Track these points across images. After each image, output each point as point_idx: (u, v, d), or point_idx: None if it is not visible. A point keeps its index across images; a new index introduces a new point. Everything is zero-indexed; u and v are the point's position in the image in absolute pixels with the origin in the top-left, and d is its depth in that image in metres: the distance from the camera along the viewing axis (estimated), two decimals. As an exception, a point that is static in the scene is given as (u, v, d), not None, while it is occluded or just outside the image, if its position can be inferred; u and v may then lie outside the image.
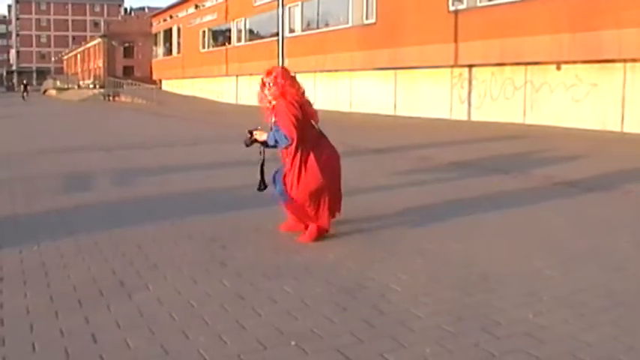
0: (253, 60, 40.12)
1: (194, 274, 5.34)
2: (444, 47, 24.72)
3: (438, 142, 16.71)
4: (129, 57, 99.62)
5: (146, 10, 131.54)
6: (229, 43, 45.66)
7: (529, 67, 22.23)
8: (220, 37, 48.26)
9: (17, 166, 12.94)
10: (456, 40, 24.27)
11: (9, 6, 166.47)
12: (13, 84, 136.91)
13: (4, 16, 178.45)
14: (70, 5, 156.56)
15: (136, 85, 62.57)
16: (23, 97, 66.28)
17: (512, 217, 7.58)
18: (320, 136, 6.49)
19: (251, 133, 6.46)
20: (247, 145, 6.55)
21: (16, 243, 6.36)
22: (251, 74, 40.93)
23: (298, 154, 6.25)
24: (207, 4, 49.85)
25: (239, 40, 44.32)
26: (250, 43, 42.36)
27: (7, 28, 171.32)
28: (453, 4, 24.68)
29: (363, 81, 31.22)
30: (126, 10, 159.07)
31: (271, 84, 6.37)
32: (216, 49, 48.02)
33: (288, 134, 6.11)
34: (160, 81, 63.88)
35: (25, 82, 76.57)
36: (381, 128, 22.54)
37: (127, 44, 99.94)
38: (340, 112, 30.74)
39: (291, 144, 6.16)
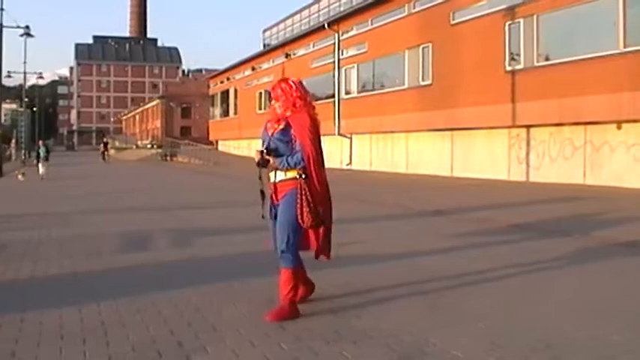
0: (309, 121, 40.43)
1: (252, 337, 5.25)
2: (501, 108, 24.61)
3: (496, 203, 16.48)
4: (186, 118, 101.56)
5: (203, 72, 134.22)
6: (285, 104, 46.11)
7: (588, 126, 21.95)
8: (277, 98, 48.78)
9: (77, 225, 13.15)
10: (513, 101, 24.15)
11: (71, 68, 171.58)
12: (73, 143, 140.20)
13: (66, 78, 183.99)
14: (129, 67, 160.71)
15: (193, 145, 63.50)
16: (104, 157, 62.12)
17: (575, 280, 7.36)
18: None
19: (262, 152, 5.86)
20: (261, 166, 5.89)
21: (76, 301, 6.40)
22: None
23: (313, 176, 5.74)
24: (264, 66, 50.64)
25: (295, 101, 44.73)
26: (307, 104, 42.70)
27: (68, 89, 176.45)
28: (509, 65, 24.63)
29: (420, 142, 31.19)
30: (184, 72, 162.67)
31: (289, 94, 5.85)
32: (272, 110, 48.53)
33: (307, 152, 5.67)
34: (217, 141, 64.73)
35: (105, 140, 72.30)
36: (439, 189, 22.38)
37: (184, 105, 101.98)
38: (396, 173, 30.72)
39: (308, 164, 5.68)
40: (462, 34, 27.17)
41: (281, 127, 5.81)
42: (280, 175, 5.80)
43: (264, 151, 5.81)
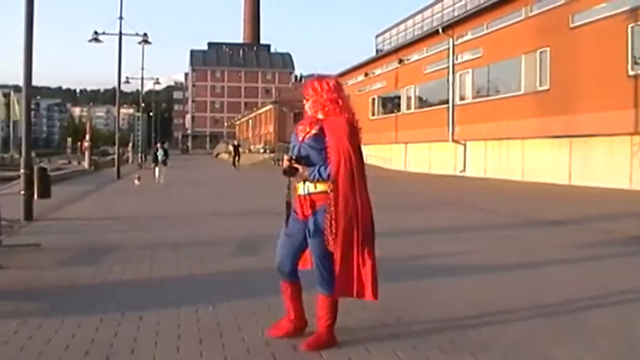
0: (423, 127, 40.21)
1: (367, 343, 5.21)
2: (623, 114, 23.73)
3: (618, 213, 15.89)
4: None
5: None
6: (399, 110, 45.97)
7: None
8: (389, 104, 48.71)
9: (194, 227, 13.42)
10: (636, 106, 23.24)
11: (186, 73, 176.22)
12: (187, 147, 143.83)
13: (181, 83, 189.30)
14: (243, 73, 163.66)
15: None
16: (234, 163, 55.48)
17: None
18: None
19: (290, 160, 5.14)
20: (289, 175, 5.17)
21: (193, 302, 6.53)
22: (421, 141, 41.05)
23: (343, 192, 4.92)
24: (377, 72, 50.61)
25: (408, 107, 44.52)
26: (420, 110, 42.45)
27: (183, 95, 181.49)
28: (632, 69, 23.72)
29: (536, 149, 30.39)
30: (296, 77, 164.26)
31: (320, 94, 5.17)
32: (385, 116, 48.46)
33: (337, 162, 4.91)
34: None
35: (236, 142, 64.09)
36: (556, 198, 21.75)
37: (297, 111, 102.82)
38: (511, 181, 30.05)
39: (336, 176, 4.92)
40: (582, 37, 26.35)
41: (313, 131, 5.09)
42: (309, 188, 5.07)
43: (293, 158, 5.13)
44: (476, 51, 35.25)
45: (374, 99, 51.01)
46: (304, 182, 5.09)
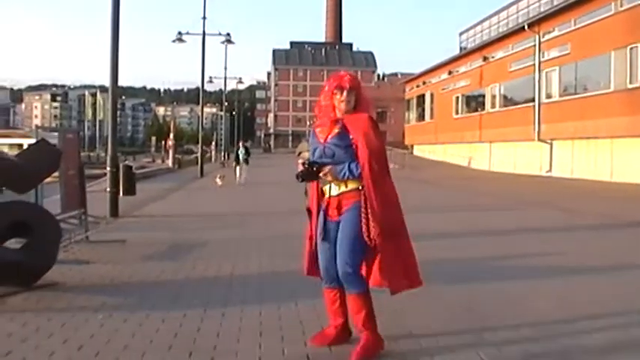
0: (508, 126, 39.54)
1: (451, 343, 5.11)
2: None
3: None
4: (382, 122, 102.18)
5: (399, 75, 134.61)
6: (483, 108, 45.32)
7: None
8: (473, 102, 48.08)
9: (277, 226, 13.49)
10: None
11: (268, 73, 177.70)
12: (269, 146, 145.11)
13: (264, 82, 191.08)
14: (325, 72, 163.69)
15: (388, 149, 63.64)
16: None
17: None
18: None
19: (312, 164, 4.89)
20: (305, 179, 4.96)
21: (275, 299, 6.53)
22: (505, 140, 40.38)
23: (377, 188, 4.82)
24: (461, 70, 50.02)
25: (493, 105, 43.83)
26: (505, 109, 41.74)
27: (266, 94, 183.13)
28: None
29: (626, 148, 29.44)
30: (379, 76, 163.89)
31: (362, 90, 5.02)
32: (469, 114, 47.86)
33: (372, 157, 4.80)
34: (412, 146, 64.69)
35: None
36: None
37: (379, 109, 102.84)
38: (600, 181, 29.21)
39: (367, 172, 4.78)
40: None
41: (336, 130, 4.90)
42: (340, 187, 4.88)
43: (311, 162, 4.89)
44: (563, 47, 34.41)
45: (457, 97, 50.43)
46: (330, 184, 4.90)
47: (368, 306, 4.84)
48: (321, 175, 4.87)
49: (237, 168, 31.44)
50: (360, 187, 4.81)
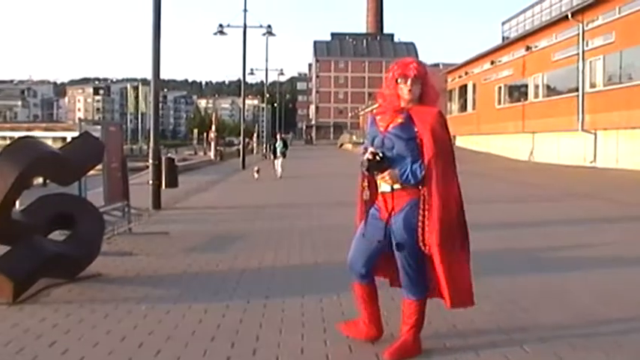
0: (551, 116, 39.00)
1: (495, 337, 5.04)
2: None
3: None
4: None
5: (440, 66, 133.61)
6: (526, 99, 44.79)
7: None
8: (516, 92, 47.53)
9: (318, 217, 13.46)
10: None
11: (309, 64, 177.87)
12: (311, 137, 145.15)
13: (305, 74, 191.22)
14: (366, 63, 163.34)
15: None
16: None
17: None
18: None
19: (375, 155, 4.46)
20: (374, 170, 4.51)
21: (317, 291, 6.51)
22: (549, 131, 39.88)
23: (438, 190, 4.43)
24: (504, 60, 49.47)
25: (536, 96, 43.26)
26: (548, 99, 41.19)
27: (307, 85, 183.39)
28: None
29: (673, 138, 28.89)
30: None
31: (430, 79, 4.62)
32: (512, 105, 47.33)
33: (438, 154, 4.42)
34: (454, 137, 64.21)
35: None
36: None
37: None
38: (646, 171, 28.72)
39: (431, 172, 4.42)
40: None
41: (399, 120, 4.50)
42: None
43: (379, 152, 4.47)
44: (607, 36, 33.82)
45: (500, 87, 49.88)
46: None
47: (420, 313, 4.66)
48: (378, 178, 4.55)
49: (275, 162, 30.69)
50: (420, 186, 4.46)
